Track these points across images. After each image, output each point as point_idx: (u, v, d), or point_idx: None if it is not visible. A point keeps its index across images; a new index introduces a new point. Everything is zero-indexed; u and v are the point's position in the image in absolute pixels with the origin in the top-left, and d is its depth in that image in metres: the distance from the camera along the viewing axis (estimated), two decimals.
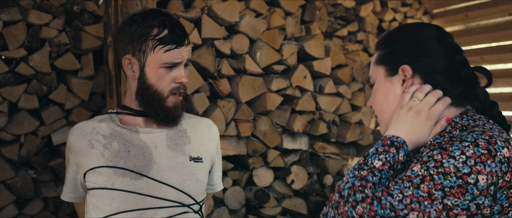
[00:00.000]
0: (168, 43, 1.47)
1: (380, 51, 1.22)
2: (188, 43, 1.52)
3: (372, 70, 1.24)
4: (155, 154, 1.52)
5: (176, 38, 1.48)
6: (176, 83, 1.51)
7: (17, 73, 2.18)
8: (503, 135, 1.01)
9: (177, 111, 1.54)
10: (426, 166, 0.96)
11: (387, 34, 1.23)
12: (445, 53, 1.13)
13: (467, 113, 1.14)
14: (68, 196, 1.62)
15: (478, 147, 0.96)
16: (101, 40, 2.33)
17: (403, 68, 1.15)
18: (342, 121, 2.84)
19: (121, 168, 1.48)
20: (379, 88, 1.20)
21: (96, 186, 1.48)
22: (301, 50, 2.62)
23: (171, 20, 1.50)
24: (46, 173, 2.32)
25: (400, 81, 1.16)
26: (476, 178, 0.94)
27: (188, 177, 1.53)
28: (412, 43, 1.16)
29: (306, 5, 2.98)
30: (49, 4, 2.21)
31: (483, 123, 1.09)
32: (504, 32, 3.67)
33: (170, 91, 1.51)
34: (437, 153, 0.98)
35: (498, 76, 3.72)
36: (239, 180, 2.53)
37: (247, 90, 2.43)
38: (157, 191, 1.49)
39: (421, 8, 4.09)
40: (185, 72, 1.53)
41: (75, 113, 2.33)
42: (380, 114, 1.20)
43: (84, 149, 1.51)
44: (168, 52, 1.47)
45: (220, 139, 2.18)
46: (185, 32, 1.52)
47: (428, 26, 1.17)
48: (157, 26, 1.47)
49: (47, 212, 2.34)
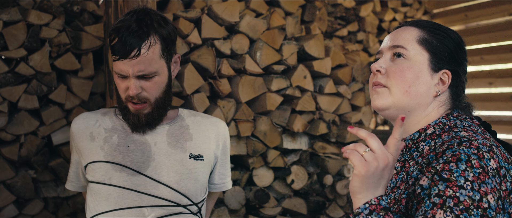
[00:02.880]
0: (113, 53, 1.41)
1: (427, 34, 1.17)
2: (138, 55, 1.39)
3: (408, 42, 1.17)
4: (154, 151, 1.52)
5: (121, 49, 1.39)
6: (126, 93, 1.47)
7: (17, 73, 2.18)
8: (486, 142, 1.02)
9: (141, 118, 1.48)
10: (448, 207, 0.96)
11: (435, 23, 1.21)
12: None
13: (453, 114, 1.16)
14: (71, 184, 1.64)
15: (474, 168, 0.97)
16: (101, 40, 2.33)
17: (448, 74, 1.16)
18: (342, 121, 2.84)
19: (118, 164, 1.48)
20: (415, 68, 1.15)
21: (95, 179, 1.49)
22: (301, 50, 2.62)
23: (128, 27, 1.40)
24: (46, 173, 2.32)
25: (437, 80, 1.16)
26: (488, 200, 0.95)
27: (186, 176, 1.52)
28: (460, 55, 1.18)
29: (306, 5, 2.98)
30: (49, 4, 2.21)
31: (469, 124, 1.12)
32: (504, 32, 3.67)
33: (125, 98, 1.47)
34: (445, 188, 0.97)
35: (498, 76, 3.72)
36: (239, 180, 2.53)
37: (247, 90, 2.43)
38: (154, 188, 1.49)
39: (421, 8, 4.09)
40: (136, 83, 1.42)
41: (75, 113, 2.33)
42: (401, 92, 1.15)
43: (85, 140, 1.53)
44: (116, 63, 1.43)
45: None
46: (139, 42, 1.39)
47: (464, 42, 1.23)
48: (112, 31, 1.43)
49: (47, 212, 2.34)
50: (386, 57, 1.19)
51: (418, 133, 1.17)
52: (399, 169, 1.18)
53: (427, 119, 1.17)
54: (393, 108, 1.16)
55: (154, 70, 1.43)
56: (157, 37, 1.43)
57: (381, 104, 1.17)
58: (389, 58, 1.19)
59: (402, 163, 1.18)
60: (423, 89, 1.15)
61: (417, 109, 1.16)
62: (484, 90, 3.84)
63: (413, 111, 1.16)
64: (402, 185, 1.12)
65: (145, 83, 1.44)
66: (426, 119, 1.17)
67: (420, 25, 1.20)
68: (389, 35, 1.24)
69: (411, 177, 1.09)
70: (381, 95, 1.17)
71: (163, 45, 1.45)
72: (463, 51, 1.20)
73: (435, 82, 1.16)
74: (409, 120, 1.18)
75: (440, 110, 1.17)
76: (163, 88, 1.49)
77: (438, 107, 1.17)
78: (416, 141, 1.17)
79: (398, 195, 1.11)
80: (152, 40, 1.41)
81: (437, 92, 1.16)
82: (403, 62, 1.15)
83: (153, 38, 1.42)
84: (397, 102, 1.16)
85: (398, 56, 1.16)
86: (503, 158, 1.01)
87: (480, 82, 3.83)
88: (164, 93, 1.50)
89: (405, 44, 1.16)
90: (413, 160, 1.14)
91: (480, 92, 3.87)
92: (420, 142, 1.15)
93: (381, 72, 1.17)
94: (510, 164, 1.02)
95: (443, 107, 1.17)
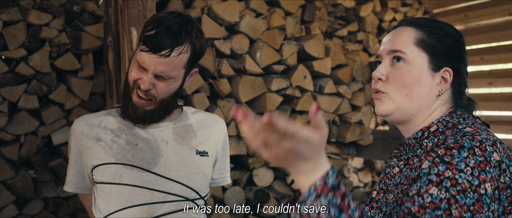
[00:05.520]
0: (144, 43, 1.41)
1: (424, 34, 1.18)
2: (167, 56, 1.39)
3: (406, 45, 1.17)
4: (162, 147, 1.53)
5: (153, 43, 1.38)
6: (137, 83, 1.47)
7: (17, 73, 2.18)
8: (490, 137, 1.03)
9: (140, 111, 1.48)
10: (444, 187, 0.95)
11: (432, 21, 1.20)
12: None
13: (456, 112, 1.16)
14: (74, 187, 1.62)
15: (476, 155, 0.97)
16: (101, 40, 2.33)
17: (449, 72, 1.16)
18: (342, 121, 2.84)
19: (129, 165, 1.49)
20: (414, 71, 1.15)
21: (104, 180, 1.49)
22: (301, 50, 2.62)
23: (169, 26, 1.40)
24: (46, 173, 2.32)
25: (438, 79, 1.17)
26: (485, 187, 0.95)
27: (195, 171, 1.55)
28: (459, 50, 1.18)
29: (306, 5, 2.98)
30: (49, 4, 2.21)
31: (472, 122, 1.12)
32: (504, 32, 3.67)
33: (133, 83, 1.47)
34: (445, 169, 0.97)
35: (498, 76, 3.72)
36: (239, 180, 2.53)
37: (247, 90, 2.43)
38: (165, 184, 1.50)
39: (421, 8, 4.09)
40: (151, 80, 1.42)
41: (75, 113, 2.33)
42: (402, 96, 1.16)
43: (90, 141, 1.53)
44: (142, 52, 1.42)
45: None
46: (174, 45, 1.39)
47: (463, 36, 1.22)
48: (152, 24, 1.43)
49: (47, 212, 2.34)
50: (386, 62, 1.20)
51: (421, 131, 1.17)
52: (402, 167, 1.18)
53: (430, 118, 1.17)
54: (397, 112, 1.18)
55: (173, 76, 1.45)
56: (190, 47, 1.45)
57: (384, 110, 1.19)
58: (388, 64, 1.20)
59: (406, 161, 1.18)
60: (425, 91, 1.15)
61: (420, 111, 1.17)
62: (484, 90, 3.84)
63: (417, 113, 1.17)
64: (405, 181, 1.12)
65: (159, 83, 1.45)
66: (429, 118, 1.17)
67: (416, 24, 1.20)
68: (387, 36, 1.24)
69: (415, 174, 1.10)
70: (382, 101, 1.19)
71: (192, 56, 1.47)
72: (462, 46, 1.20)
73: (437, 81, 1.16)
74: (413, 121, 1.19)
75: (443, 108, 1.18)
76: (171, 93, 1.50)
77: (441, 105, 1.18)
78: (419, 140, 1.17)
79: (401, 191, 1.11)
80: (185, 48, 1.43)
81: (440, 92, 1.16)
82: (403, 67, 1.16)
83: (186, 46, 1.43)
84: (399, 106, 1.17)
85: (398, 60, 1.17)
86: (505, 154, 1.02)
87: (480, 82, 3.83)
88: (171, 97, 1.51)
89: (403, 48, 1.17)
90: (417, 157, 1.14)
91: (480, 92, 3.88)
92: (423, 140, 1.16)
93: (382, 79, 1.19)
94: (511, 161, 1.02)
95: (446, 105, 1.18)
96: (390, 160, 1.27)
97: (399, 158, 1.23)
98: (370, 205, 1.21)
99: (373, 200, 1.21)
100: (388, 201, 1.13)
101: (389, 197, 1.14)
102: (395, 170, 1.19)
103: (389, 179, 1.20)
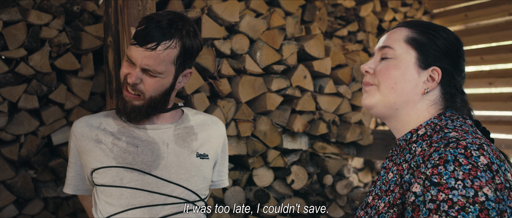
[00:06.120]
0: (134, 37, 1.44)
1: (416, 33, 1.20)
2: (153, 49, 1.40)
3: (396, 42, 1.20)
4: (163, 150, 1.53)
5: (141, 36, 1.41)
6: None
7: (17, 73, 2.18)
8: (476, 140, 1.03)
9: (128, 106, 1.48)
10: (443, 212, 0.96)
11: (428, 23, 1.23)
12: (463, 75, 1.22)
13: (445, 114, 1.16)
14: (74, 188, 1.61)
15: (462, 166, 0.97)
16: (101, 40, 2.33)
17: (437, 71, 1.17)
18: (342, 121, 2.84)
19: (130, 168, 1.49)
20: (400, 66, 1.18)
21: (105, 182, 1.49)
22: (301, 50, 2.62)
23: (158, 21, 1.42)
24: (46, 173, 2.32)
25: (426, 77, 1.17)
26: (484, 193, 0.95)
27: (196, 173, 1.55)
28: (453, 53, 1.18)
29: (306, 5, 2.98)
30: (49, 4, 2.21)
31: (461, 124, 1.12)
32: (504, 32, 3.67)
33: (124, 78, 1.48)
34: (437, 193, 0.98)
35: (498, 76, 3.72)
36: (239, 180, 2.53)
37: (247, 90, 2.43)
38: (165, 187, 1.50)
39: (421, 8, 4.09)
40: (138, 74, 1.43)
41: (75, 113, 2.33)
42: (387, 88, 1.18)
43: (90, 143, 1.52)
44: (131, 46, 1.45)
45: None
46: (161, 39, 1.40)
47: (461, 42, 1.22)
48: (143, 19, 1.46)
49: (47, 212, 2.34)
50: (376, 58, 1.24)
51: (410, 133, 1.18)
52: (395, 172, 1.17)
53: (418, 119, 1.18)
54: (381, 105, 1.20)
55: (159, 71, 1.44)
56: (179, 43, 1.45)
57: (368, 102, 1.22)
58: (378, 59, 1.23)
59: (398, 165, 1.18)
60: (409, 86, 1.17)
61: (405, 107, 1.18)
62: (484, 90, 3.84)
63: (401, 109, 1.18)
64: (396, 188, 1.12)
65: (147, 78, 1.45)
66: (417, 119, 1.18)
67: (411, 25, 1.23)
68: (383, 36, 1.28)
69: (404, 181, 1.09)
70: (369, 93, 1.22)
71: (181, 53, 1.46)
72: (458, 52, 1.20)
73: (424, 79, 1.17)
74: (399, 118, 1.20)
75: (431, 110, 1.18)
76: (161, 91, 1.49)
77: (428, 106, 1.18)
78: (408, 142, 1.17)
79: (392, 199, 1.11)
80: (173, 44, 1.43)
81: (425, 90, 1.17)
82: (389, 61, 1.19)
83: (175, 42, 1.43)
84: (384, 99, 1.19)
85: (386, 55, 1.20)
86: (494, 155, 1.01)
87: (480, 82, 3.84)
88: (161, 95, 1.50)
89: (392, 44, 1.20)
90: (406, 162, 1.14)
91: (480, 92, 3.88)
92: (412, 143, 1.16)
93: (369, 72, 1.23)
94: (502, 162, 1.02)
95: (434, 107, 1.18)
96: (385, 162, 1.28)
97: (395, 161, 1.23)
98: (365, 210, 1.20)
99: (368, 205, 1.21)
100: (379, 210, 1.13)
101: (380, 206, 1.14)
102: (390, 175, 1.19)
103: (385, 184, 1.19)
